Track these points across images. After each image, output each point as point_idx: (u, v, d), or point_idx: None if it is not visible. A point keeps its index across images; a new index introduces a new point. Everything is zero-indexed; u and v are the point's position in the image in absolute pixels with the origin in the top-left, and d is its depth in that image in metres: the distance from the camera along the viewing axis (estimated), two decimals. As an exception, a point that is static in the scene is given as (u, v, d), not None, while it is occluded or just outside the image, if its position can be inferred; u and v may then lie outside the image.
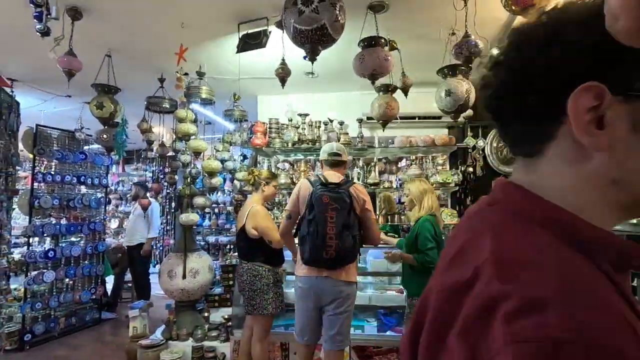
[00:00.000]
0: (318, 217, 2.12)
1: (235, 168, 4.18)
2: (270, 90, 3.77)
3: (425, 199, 2.54)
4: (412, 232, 2.52)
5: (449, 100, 2.38)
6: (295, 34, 1.49)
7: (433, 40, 2.72)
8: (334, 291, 2.20)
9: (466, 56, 2.03)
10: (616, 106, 0.38)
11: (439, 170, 3.94)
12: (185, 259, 3.28)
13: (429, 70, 2.70)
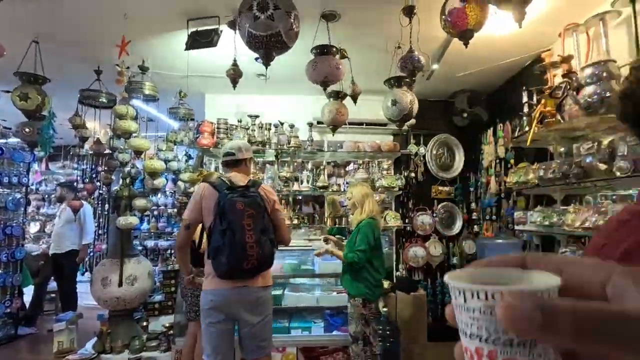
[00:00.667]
0: (234, 225, 1.93)
1: (179, 169, 3.99)
2: (220, 89, 3.67)
3: (366, 202, 2.62)
4: (353, 235, 2.60)
5: (394, 109, 2.52)
6: (250, 38, 1.48)
7: (381, 52, 2.87)
8: (252, 299, 2.06)
9: (410, 70, 2.18)
10: None
11: (384, 174, 4.14)
12: (122, 265, 3.06)
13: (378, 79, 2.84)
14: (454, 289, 0.25)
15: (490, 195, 3.70)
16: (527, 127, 2.55)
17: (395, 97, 2.50)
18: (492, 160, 3.67)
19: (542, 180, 2.48)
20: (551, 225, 2.42)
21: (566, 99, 2.17)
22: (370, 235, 2.45)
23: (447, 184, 4.18)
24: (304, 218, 3.83)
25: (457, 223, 4.14)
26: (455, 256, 4.07)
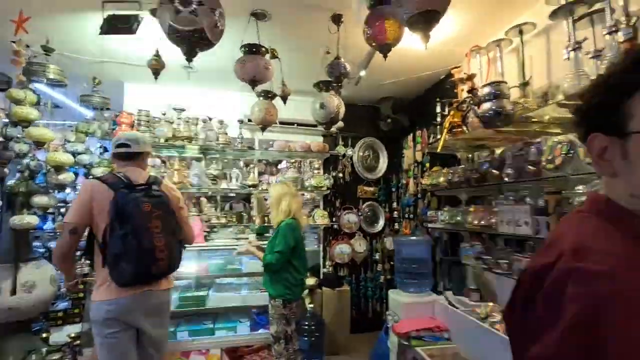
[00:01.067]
0: (140, 229, 1.76)
1: (92, 162, 3.63)
2: (141, 78, 3.41)
3: (282, 203, 2.59)
4: (273, 236, 2.58)
5: (322, 112, 2.61)
6: (171, 31, 1.41)
7: (312, 55, 2.94)
8: (155, 304, 1.93)
9: (336, 76, 2.28)
10: (614, 144, 0.58)
11: (314, 174, 4.25)
12: (17, 271, 2.69)
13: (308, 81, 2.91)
14: None
15: (409, 195, 4.02)
16: (439, 135, 2.83)
17: (323, 101, 2.59)
18: (411, 163, 4.00)
19: (450, 183, 2.78)
20: (456, 223, 2.73)
21: (469, 112, 2.47)
22: (289, 236, 2.45)
23: (372, 185, 4.44)
24: (232, 217, 3.75)
25: (380, 221, 4.43)
26: (378, 252, 4.35)
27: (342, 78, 2.28)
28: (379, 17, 1.70)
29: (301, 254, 2.63)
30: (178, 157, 3.65)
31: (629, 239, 0.55)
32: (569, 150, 1.74)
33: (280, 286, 2.49)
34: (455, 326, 2.31)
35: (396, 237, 3.70)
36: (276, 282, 2.50)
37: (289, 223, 2.52)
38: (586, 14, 1.79)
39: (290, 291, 2.51)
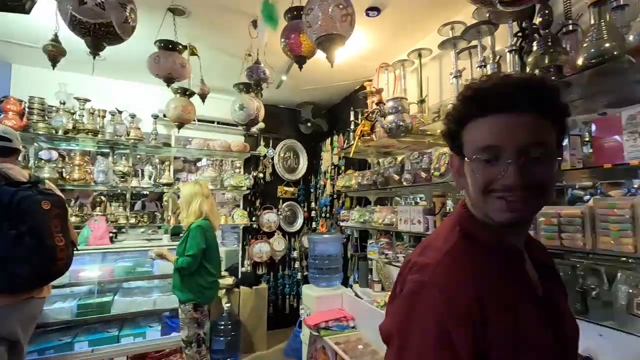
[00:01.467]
0: (39, 228, 1.66)
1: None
2: (35, 60, 3.03)
3: (193, 203, 2.51)
4: (184, 238, 2.49)
5: (241, 113, 2.65)
6: (74, 22, 1.32)
7: (232, 55, 2.95)
8: (34, 313, 1.83)
9: (256, 80, 2.34)
10: (461, 163, 0.70)
11: (235, 173, 4.23)
12: None
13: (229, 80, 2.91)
14: None
15: (326, 196, 4.26)
16: (353, 141, 3.08)
17: (242, 102, 2.63)
18: (328, 165, 4.24)
19: (360, 185, 3.05)
20: (364, 222, 3.00)
21: (377, 123, 2.75)
22: (200, 238, 2.40)
23: (292, 185, 4.59)
24: (143, 217, 3.54)
25: (299, 220, 4.59)
26: (296, 250, 4.51)
27: (261, 82, 2.35)
28: (295, 30, 1.82)
29: (214, 255, 2.59)
30: (80, 150, 3.32)
31: (473, 245, 0.66)
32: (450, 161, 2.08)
33: (191, 290, 2.42)
34: (360, 315, 2.55)
35: (310, 235, 3.89)
36: (187, 285, 2.43)
37: (200, 225, 2.46)
38: (465, 48, 2.16)
39: (202, 294, 2.46)
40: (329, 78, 3.56)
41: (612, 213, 1.29)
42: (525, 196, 0.61)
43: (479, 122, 0.64)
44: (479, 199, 0.65)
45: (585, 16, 1.48)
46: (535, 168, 0.61)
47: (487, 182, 0.63)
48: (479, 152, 0.63)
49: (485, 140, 0.63)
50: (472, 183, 0.66)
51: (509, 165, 0.60)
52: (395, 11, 2.44)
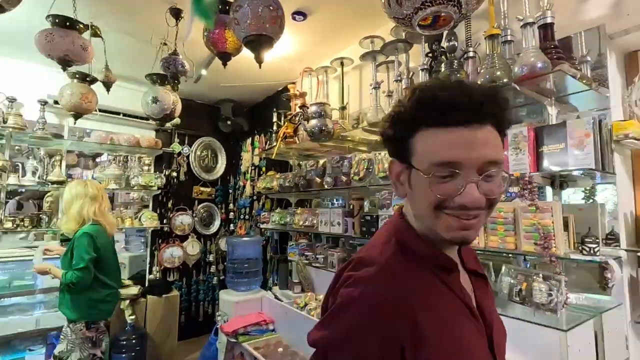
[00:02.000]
0: None
1: None
2: None
3: (74, 206, 2.19)
4: (69, 248, 2.16)
5: (155, 107, 2.42)
6: None
7: (145, 42, 2.68)
8: None
9: (173, 72, 2.17)
10: (405, 171, 0.65)
11: (143, 171, 3.84)
12: None
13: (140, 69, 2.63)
14: None
15: (245, 197, 4.15)
16: (275, 142, 3.06)
17: (156, 95, 2.41)
18: (249, 166, 4.14)
19: (282, 187, 3.04)
20: (285, 224, 3.01)
21: (300, 126, 2.78)
22: (88, 247, 2.08)
23: (209, 185, 4.36)
24: (23, 220, 2.98)
25: (215, 222, 4.38)
26: (212, 254, 4.30)
27: (179, 75, 2.18)
28: (221, 25, 1.73)
29: (109, 265, 2.27)
30: None
31: (409, 258, 0.63)
32: (368, 166, 2.21)
33: (82, 306, 2.11)
34: (279, 317, 2.54)
35: (229, 237, 3.76)
36: (76, 302, 2.10)
37: (87, 231, 2.13)
38: (384, 62, 2.32)
39: (97, 310, 2.17)
40: (252, 77, 3.48)
41: (499, 216, 1.51)
42: (479, 214, 0.59)
43: (435, 133, 0.58)
44: (429, 215, 0.61)
45: (482, 46, 1.71)
46: (490, 185, 0.58)
47: (441, 200, 0.58)
48: (436, 167, 0.57)
49: (443, 155, 0.57)
50: (421, 197, 0.61)
51: (468, 184, 0.56)
52: (320, 18, 2.50)
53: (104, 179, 3.56)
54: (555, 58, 1.42)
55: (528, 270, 1.47)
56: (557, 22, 1.50)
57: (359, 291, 0.59)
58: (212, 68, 3.24)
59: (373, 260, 0.63)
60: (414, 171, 0.61)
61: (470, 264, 0.74)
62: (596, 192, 1.70)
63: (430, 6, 1.09)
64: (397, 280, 0.59)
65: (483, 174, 0.57)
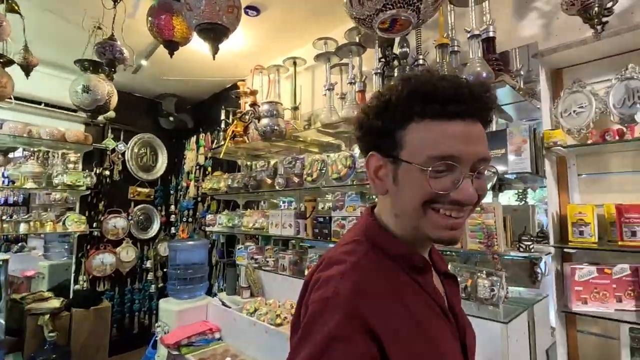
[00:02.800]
0: None
1: None
2: None
3: None
4: None
5: (86, 97, 2.17)
6: None
7: (75, 23, 2.39)
8: None
9: (109, 59, 1.95)
10: (387, 166, 0.61)
11: (69, 169, 3.44)
12: None
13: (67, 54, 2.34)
14: None
15: (189, 198, 3.91)
16: (223, 141, 2.92)
17: (88, 84, 2.16)
18: (193, 165, 3.91)
19: (230, 188, 2.91)
20: (233, 227, 2.88)
21: (251, 124, 2.69)
22: None
23: (148, 186, 4.03)
24: None
25: (154, 226, 4.06)
26: (150, 259, 3.97)
27: (117, 63, 1.98)
28: (167, 10, 1.60)
29: None
30: None
31: (382, 258, 0.61)
32: (322, 167, 2.20)
33: None
34: (227, 325, 2.42)
35: (172, 241, 3.51)
36: None
37: None
38: (337, 64, 2.33)
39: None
40: (198, 71, 3.29)
41: (447, 216, 1.59)
42: (468, 212, 0.59)
43: (434, 125, 0.56)
44: (416, 212, 0.58)
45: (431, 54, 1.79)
46: (481, 182, 0.58)
47: (435, 195, 0.56)
48: (433, 160, 0.55)
49: (443, 148, 0.55)
50: (410, 192, 0.58)
51: (464, 179, 0.55)
52: (274, 15, 2.44)
53: (19, 177, 3.12)
54: (497, 69, 1.53)
55: (473, 268, 1.56)
56: (497, 37, 1.63)
57: (331, 290, 0.54)
58: (154, 59, 3.01)
59: (344, 258, 0.60)
60: (403, 165, 0.58)
61: (440, 266, 0.73)
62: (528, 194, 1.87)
63: (391, 9, 1.10)
64: (371, 276, 0.57)
65: (476, 170, 0.56)
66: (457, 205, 0.57)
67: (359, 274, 0.56)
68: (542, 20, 1.64)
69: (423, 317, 0.58)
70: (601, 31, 1.38)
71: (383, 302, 0.54)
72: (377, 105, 0.61)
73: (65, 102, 3.16)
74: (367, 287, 0.55)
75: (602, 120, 1.57)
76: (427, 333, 0.57)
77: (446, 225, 0.57)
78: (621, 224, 1.39)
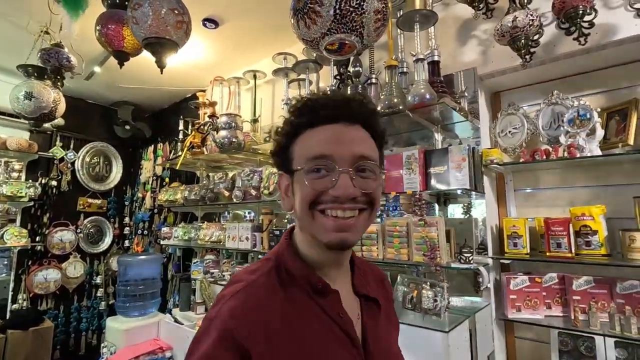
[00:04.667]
0: None
1: None
2: None
3: None
4: None
5: (29, 104, 2.06)
6: None
7: (17, 26, 2.27)
8: None
9: (56, 66, 1.87)
10: (289, 181, 0.64)
11: (11, 179, 3.21)
12: None
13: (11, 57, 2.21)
14: None
15: (145, 210, 3.76)
16: (181, 151, 2.86)
17: (31, 90, 2.05)
18: (150, 176, 3.78)
19: (187, 200, 2.84)
20: (189, 240, 2.81)
21: (209, 136, 2.66)
22: None
23: (100, 197, 3.84)
24: None
25: (106, 239, 3.86)
26: (100, 275, 3.76)
27: (63, 71, 1.90)
28: (116, 21, 1.56)
29: None
30: None
31: (286, 281, 0.62)
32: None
33: None
34: (179, 343, 2.33)
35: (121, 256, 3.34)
36: None
37: None
38: (295, 80, 2.38)
39: None
40: (157, 80, 3.20)
41: (395, 230, 1.65)
42: (353, 210, 0.60)
43: (310, 133, 0.62)
44: (307, 216, 0.60)
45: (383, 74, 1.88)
46: (366, 181, 0.60)
47: (317, 194, 0.59)
48: (309, 162, 0.60)
49: (315, 149, 0.60)
50: (299, 197, 0.61)
51: (340, 174, 0.58)
52: (233, 28, 2.45)
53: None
54: (440, 91, 1.64)
55: (418, 279, 1.62)
56: (443, 61, 1.74)
57: (215, 310, 0.58)
58: (109, 66, 2.90)
59: (244, 277, 0.63)
60: (294, 175, 0.62)
61: (361, 288, 0.70)
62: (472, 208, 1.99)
63: (336, 33, 1.15)
64: (258, 297, 0.59)
65: (355, 168, 0.60)
66: (337, 203, 0.58)
67: (246, 295, 0.59)
68: (481, 47, 1.77)
69: (314, 341, 0.58)
70: (530, 60, 1.52)
71: (261, 322, 0.56)
72: (279, 127, 0.68)
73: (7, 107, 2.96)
74: (249, 308, 0.57)
75: (534, 140, 1.71)
76: (312, 356, 0.57)
77: (333, 226, 0.59)
78: (549, 236, 1.52)
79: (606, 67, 1.62)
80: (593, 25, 1.36)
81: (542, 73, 1.71)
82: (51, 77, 2.08)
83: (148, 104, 3.87)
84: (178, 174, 3.41)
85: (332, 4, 1.10)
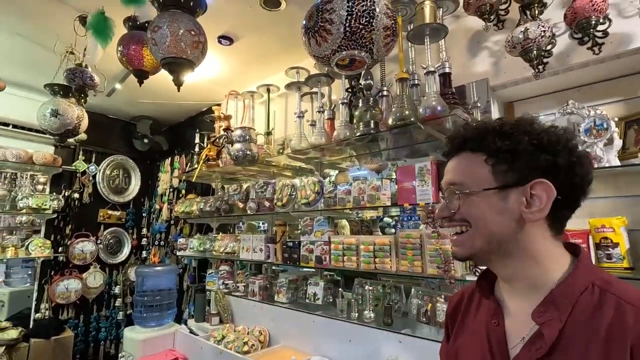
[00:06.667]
0: None
1: None
2: None
3: None
4: None
5: (54, 121, 2.15)
6: None
7: (45, 47, 2.40)
8: None
9: (80, 85, 1.96)
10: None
11: (36, 192, 3.34)
12: None
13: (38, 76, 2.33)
14: None
15: (162, 221, 3.84)
16: (196, 164, 2.93)
17: (57, 108, 2.15)
18: (167, 188, 3.87)
19: (202, 211, 2.90)
20: (204, 251, 2.85)
21: (224, 149, 2.71)
22: None
23: (119, 208, 3.95)
24: None
25: (125, 250, 3.96)
26: (118, 285, 3.84)
27: (87, 89, 1.99)
28: (138, 42, 1.64)
29: None
30: None
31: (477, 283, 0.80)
32: (291, 192, 2.23)
33: None
34: (194, 353, 2.35)
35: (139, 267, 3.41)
36: None
37: None
38: (307, 93, 2.42)
39: None
40: (174, 95, 3.28)
41: (408, 241, 1.64)
42: (454, 228, 0.71)
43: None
44: None
45: (394, 86, 1.89)
46: (452, 203, 0.70)
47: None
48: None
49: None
50: None
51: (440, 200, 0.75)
52: (247, 44, 2.52)
53: None
54: (452, 103, 1.64)
55: (433, 292, 1.60)
56: (454, 72, 1.74)
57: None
58: (129, 83, 3.02)
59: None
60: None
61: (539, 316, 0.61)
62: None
63: (346, 50, 1.18)
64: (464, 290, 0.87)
65: (443, 192, 0.73)
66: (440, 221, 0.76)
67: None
68: (493, 58, 1.77)
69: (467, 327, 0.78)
70: (542, 70, 1.51)
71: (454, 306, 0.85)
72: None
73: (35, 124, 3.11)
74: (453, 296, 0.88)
75: (549, 150, 1.68)
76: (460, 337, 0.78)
77: (451, 242, 0.74)
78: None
79: (623, 76, 1.59)
80: (607, 35, 1.35)
81: (556, 82, 1.69)
82: (75, 95, 2.18)
83: (165, 118, 3.99)
84: (194, 186, 3.49)
85: (342, 22, 1.13)
